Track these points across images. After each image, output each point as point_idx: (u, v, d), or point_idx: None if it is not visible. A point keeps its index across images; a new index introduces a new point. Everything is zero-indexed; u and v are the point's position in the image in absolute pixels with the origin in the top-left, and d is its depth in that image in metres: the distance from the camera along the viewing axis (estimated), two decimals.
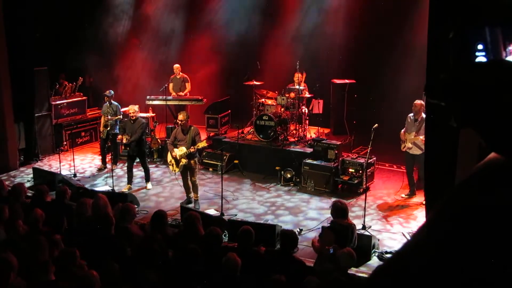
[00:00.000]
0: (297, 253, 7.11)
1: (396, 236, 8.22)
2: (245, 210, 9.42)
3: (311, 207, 9.51)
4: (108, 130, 11.39)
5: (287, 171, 10.71)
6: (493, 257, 1.09)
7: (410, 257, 1.20)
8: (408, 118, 9.49)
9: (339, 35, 13.00)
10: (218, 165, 11.22)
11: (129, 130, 10.21)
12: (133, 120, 10.25)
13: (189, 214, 6.73)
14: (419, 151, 9.24)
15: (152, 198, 10.09)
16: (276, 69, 13.20)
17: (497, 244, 1.09)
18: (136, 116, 10.30)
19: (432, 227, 1.20)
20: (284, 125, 11.63)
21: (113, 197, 8.71)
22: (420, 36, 9.69)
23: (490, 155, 1.20)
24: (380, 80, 12.31)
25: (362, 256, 6.87)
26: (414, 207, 9.40)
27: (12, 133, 11.63)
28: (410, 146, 9.36)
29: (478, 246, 1.10)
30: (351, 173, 10.14)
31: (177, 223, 8.25)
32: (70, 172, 11.20)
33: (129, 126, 10.26)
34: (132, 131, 10.17)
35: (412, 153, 9.40)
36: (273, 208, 9.47)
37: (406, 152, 9.52)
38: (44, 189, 7.63)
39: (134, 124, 10.21)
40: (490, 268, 1.09)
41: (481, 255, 1.10)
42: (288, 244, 6.05)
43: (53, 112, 12.75)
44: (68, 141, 13.04)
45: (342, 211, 6.70)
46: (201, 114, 13.51)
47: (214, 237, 6.00)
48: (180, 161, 9.22)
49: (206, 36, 14.59)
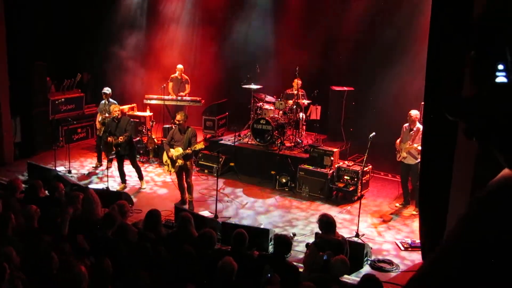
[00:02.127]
0: (289, 257, 7.10)
1: (389, 245, 8.23)
2: (239, 213, 9.42)
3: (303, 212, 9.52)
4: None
5: (283, 175, 10.72)
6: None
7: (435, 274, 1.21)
8: (403, 128, 9.53)
9: (339, 41, 13.04)
10: (214, 167, 11.22)
11: (115, 130, 10.02)
12: (117, 120, 10.07)
13: (182, 215, 6.73)
14: (413, 160, 9.27)
15: (146, 197, 10.06)
16: (275, 74, 13.22)
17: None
18: (119, 115, 10.07)
19: (452, 251, 1.21)
20: (281, 129, 11.64)
21: (107, 196, 8.73)
22: (420, 44, 9.73)
23: (505, 172, 1.21)
24: (378, 88, 12.34)
25: (354, 263, 6.87)
26: (407, 216, 9.42)
27: (8, 127, 11.59)
28: (405, 156, 9.39)
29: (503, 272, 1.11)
30: (347, 180, 10.15)
31: (171, 224, 8.24)
32: (65, 169, 11.16)
33: (113, 126, 10.05)
34: (119, 131, 9.98)
35: (407, 163, 9.44)
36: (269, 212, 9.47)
37: (401, 162, 9.55)
38: (38, 185, 7.59)
39: (120, 124, 10.03)
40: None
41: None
42: (282, 249, 6.04)
43: (50, 108, 12.72)
44: (64, 137, 13.01)
45: (329, 225, 6.67)
46: (199, 116, 13.51)
47: (207, 239, 5.99)
48: (176, 161, 9.21)
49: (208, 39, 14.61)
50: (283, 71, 13.13)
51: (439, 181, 6.94)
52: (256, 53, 13.64)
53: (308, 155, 10.86)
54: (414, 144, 9.19)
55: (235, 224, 8.13)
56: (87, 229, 6.26)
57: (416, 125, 9.24)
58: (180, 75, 13.25)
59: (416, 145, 9.10)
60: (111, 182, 10.40)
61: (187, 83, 13.33)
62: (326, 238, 6.54)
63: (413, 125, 9.31)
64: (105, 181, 10.34)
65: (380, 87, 12.28)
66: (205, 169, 11.64)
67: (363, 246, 7.55)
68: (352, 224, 8.86)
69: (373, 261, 7.51)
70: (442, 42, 6.68)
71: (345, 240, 6.80)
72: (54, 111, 12.80)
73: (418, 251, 7.75)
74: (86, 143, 13.54)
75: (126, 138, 9.89)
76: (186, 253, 5.53)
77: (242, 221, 8.87)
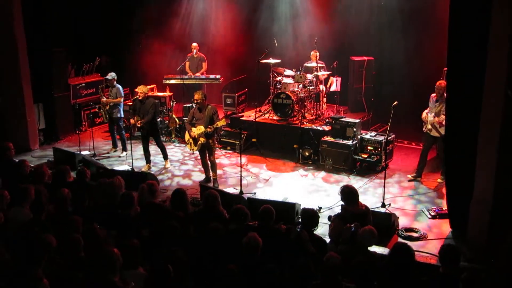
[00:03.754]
0: (317, 230, 7.12)
1: (415, 213, 8.20)
2: (264, 188, 9.45)
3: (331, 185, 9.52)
4: (110, 114, 11.30)
5: (305, 149, 10.69)
6: None
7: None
8: (430, 98, 9.25)
9: (358, 11, 12.83)
10: (236, 144, 11.24)
11: (140, 111, 10.09)
12: (141, 101, 10.14)
13: (208, 193, 6.77)
14: (437, 134, 9.10)
15: (171, 176, 10.16)
16: (293, 46, 13.09)
17: None
18: (144, 97, 10.09)
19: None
20: (302, 103, 11.58)
21: (133, 177, 8.82)
22: (442, 12, 9.52)
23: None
24: (399, 56, 12.15)
25: (381, 234, 6.85)
26: (433, 184, 9.34)
27: (32, 113, 11.75)
28: (430, 128, 9.20)
29: None
30: (370, 150, 10.09)
31: (197, 202, 8.31)
32: (90, 152, 11.30)
33: (139, 107, 10.12)
34: (143, 111, 10.05)
35: (432, 135, 9.23)
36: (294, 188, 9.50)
37: (426, 133, 9.36)
38: (65, 170, 7.69)
39: (145, 105, 10.06)
40: None
41: None
42: (309, 223, 6.05)
43: (71, 93, 12.83)
44: (87, 121, 13.16)
45: (352, 196, 6.60)
46: (218, 93, 13.50)
47: (241, 214, 6.04)
48: (199, 140, 9.24)
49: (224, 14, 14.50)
50: (301, 44, 13.00)
51: (465, 148, 6.86)
52: (273, 27, 13.52)
53: (330, 127, 10.80)
54: (435, 117, 9.01)
55: (261, 200, 8.16)
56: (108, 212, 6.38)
57: (443, 97, 9.00)
58: (196, 53, 13.20)
59: (437, 118, 8.92)
60: (135, 163, 10.48)
61: (204, 61, 13.28)
62: (350, 209, 6.52)
63: (441, 96, 9.07)
64: (129, 161, 10.45)
65: (401, 55, 12.09)
66: (228, 146, 11.68)
67: (390, 216, 7.53)
68: (378, 194, 8.83)
69: (401, 230, 7.50)
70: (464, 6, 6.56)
71: (368, 209, 6.76)
72: (75, 96, 12.91)
73: (446, 218, 7.69)
74: (107, 127, 13.62)
75: (146, 120, 9.95)
76: (215, 230, 5.58)
77: (267, 196, 8.90)
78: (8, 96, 11.36)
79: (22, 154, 10.82)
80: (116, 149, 11.64)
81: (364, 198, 8.67)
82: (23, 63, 11.33)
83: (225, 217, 6.41)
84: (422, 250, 6.91)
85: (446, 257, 5.04)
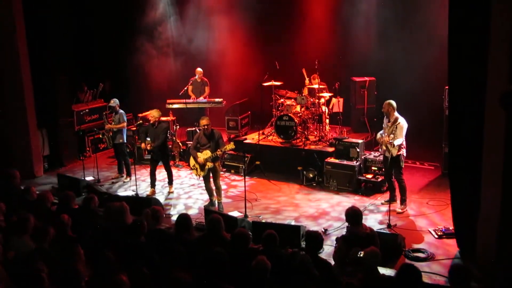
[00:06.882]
0: (322, 253, 7.08)
1: (422, 233, 8.13)
2: (268, 211, 9.41)
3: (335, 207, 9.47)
4: (113, 139, 11.31)
5: (309, 171, 10.67)
6: None
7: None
8: (384, 122, 9.05)
9: (358, 31, 12.94)
10: (240, 167, 11.24)
11: (152, 135, 10.22)
12: (153, 125, 10.23)
13: (212, 217, 6.74)
14: (388, 154, 8.68)
15: (175, 201, 10.13)
16: (295, 69, 13.16)
17: None
18: (155, 121, 10.21)
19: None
20: (305, 124, 11.60)
21: (137, 202, 8.80)
22: (441, 30, 9.56)
23: None
24: (400, 76, 12.18)
25: (388, 255, 6.81)
26: (438, 204, 9.28)
27: (36, 140, 11.81)
28: (384, 149, 8.87)
29: None
30: (374, 171, 10.06)
31: (201, 226, 8.27)
32: (94, 178, 11.31)
33: (151, 131, 10.25)
34: (154, 136, 10.17)
35: (386, 156, 8.82)
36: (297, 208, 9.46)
37: (384, 155, 9.01)
38: (70, 196, 7.70)
39: (157, 129, 10.20)
40: None
41: None
42: (314, 245, 6.02)
43: (75, 119, 12.91)
44: (91, 147, 13.20)
45: (356, 217, 6.59)
46: (221, 116, 13.54)
47: (242, 238, 6.00)
48: (206, 164, 9.22)
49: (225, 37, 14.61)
50: (303, 66, 13.07)
51: (469, 165, 6.83)
52: (274, 49, 13.61)
53: (333, 148, 10.79)
54: (386, 138, 8.66)
55: (265, 223, 8.13)
56: (117, 238, 6.33)
57: (394, 116, 8.75)
58: (200, 78, 13.28)
59: (387, 138, 8.58)
60: (139, 188, 10.47)
61: (207, 85, 13.35)
62: (354, 231, 6.51)
63: (391, 116, 8.77)
64: (132, 187, 10.44)
65: (401, 75, 12.12)
66: (232, 169, 11.67)
67: (396, 237, 7.48)
68: (383, 214, 8.78)
69: (408, 251, 7.43)
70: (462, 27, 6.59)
71: (373, 232, 6.72)
72: (79, 122, 12.98)
73: (452, 238, 7.63)
74: (111, 152, 13.66)
75: (156, 144, 10.06)
76: (217, 255, 5.53)
77: (272, 219, 8.85)
78: (13, 123, 11.44)
79: (27, 181, 10.82)
80: (122, 174, 11.65)
81: (369, 218, 8.65)
82: (28, 90, 11.43)
83: (228, 241, 6.37)
84: (428, 271, 6.83)
85: (457, 278, 4.98)
